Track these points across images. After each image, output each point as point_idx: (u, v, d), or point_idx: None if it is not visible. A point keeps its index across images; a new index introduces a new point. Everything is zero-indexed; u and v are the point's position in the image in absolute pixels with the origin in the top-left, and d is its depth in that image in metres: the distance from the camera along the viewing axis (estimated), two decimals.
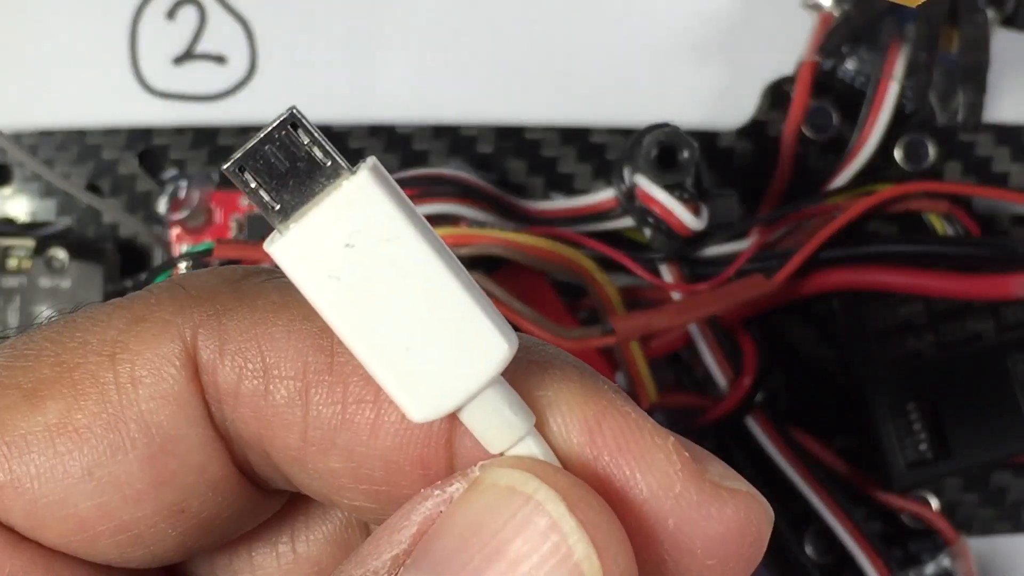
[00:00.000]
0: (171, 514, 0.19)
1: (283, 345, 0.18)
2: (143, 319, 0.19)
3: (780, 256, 0.35)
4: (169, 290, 0.19)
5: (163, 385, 0.18)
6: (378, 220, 0.17)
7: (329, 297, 0.17)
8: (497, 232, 0.34)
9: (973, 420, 0.36)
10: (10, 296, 0.35)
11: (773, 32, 0.39)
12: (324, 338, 0.18)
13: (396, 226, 0.17)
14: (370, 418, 0.18)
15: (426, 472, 0.19)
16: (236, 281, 0.19)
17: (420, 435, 0.18)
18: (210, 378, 0.19)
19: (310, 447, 0.19)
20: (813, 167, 0.38)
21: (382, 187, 0.17)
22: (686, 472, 0.18)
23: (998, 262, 0.35)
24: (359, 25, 0.39)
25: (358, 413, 0.18)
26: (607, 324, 0.33)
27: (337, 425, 0.18)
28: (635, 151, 0.33)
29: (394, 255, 0.17)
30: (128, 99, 0.38)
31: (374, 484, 0.19)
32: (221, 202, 0.36)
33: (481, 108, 0.39)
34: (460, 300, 0.17)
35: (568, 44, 0.39)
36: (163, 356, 0.18)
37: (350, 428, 0.18)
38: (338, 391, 0.18)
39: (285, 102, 0.39)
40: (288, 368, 0.18)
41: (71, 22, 0.38)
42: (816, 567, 0.37)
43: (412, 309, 0.17)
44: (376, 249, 0.17)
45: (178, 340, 0.18)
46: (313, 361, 0.18)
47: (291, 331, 0.18)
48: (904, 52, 0.36)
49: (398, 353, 0.17)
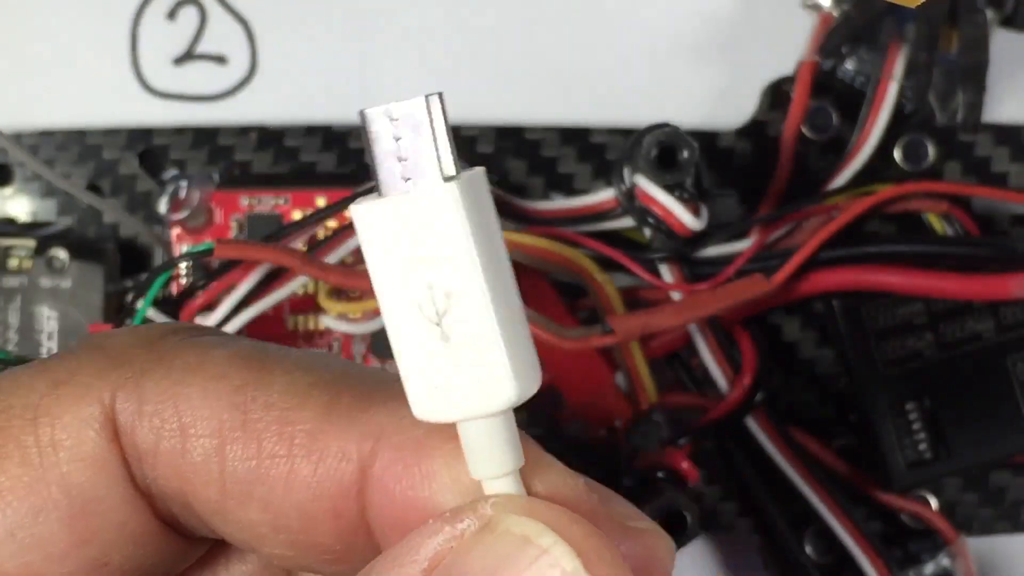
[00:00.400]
0: (94, 568, 0.20)
1: (199, 404, 0.19)
2: (64, 383, 0.20)
3: (780, 256, 0.35)
4: (89, 353, 0.20)
5: (83, 448, 0.19)
6: (446, 233, 0.17)
7: (383, 277, 0.18)
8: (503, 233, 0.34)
9: (973, 420, 0.36)
10: (11, 296, 0.35)
11: (773, 32, 0.39)
12: (238, 396, 0.19)
13: (459, 245, 0.17)
14: (284, 472, 0.19)
15: (339, 522, 0.20)
16: (154, 341, 0.20)
17: (332, 487, 0.19)
18: (129, 439, 0.20)
19: (229, 500, 0.20)
20: (813, 167, 0.38)
21: (464, 203, 0.17)
22: (594, 516, 0.19)
23: (998, 262, 0.35)
24: (359, 26, 0.39)
25: (272, 467, 0.19)
26: (606, 324, 0.33)
27: (253, 479, 0.19)
28: (635, 151, 0.33)
29: (448, 268, 0.17)
30: (128, 99, 0.38)
31: (292, 533, 0.20)
32: (221, 202, 0.36)
33: (481, 108, 0.39)
34: (491, 332, 0.18)
35: (568, 44, 0.39)
36: (82, 419, 0.19)
37: (265, 482, 0.19)
38: (252, 447, 0.19)
39: (285, 102, 0.39)
40: (204, 427, 0.19)
41: (71, 22, 0.38)
42: (816, 567, 0.37)
43: (448, 320, 0.18)
44: (435, 255, 0.17)
45: (96, 403, 0.20)
46: (228, 419, 0.19)
47: (206, 390, 0.19)
48: (904, 52, 0.36)
49: (424, 352, 0.18)
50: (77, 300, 0.35)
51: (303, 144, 0.37)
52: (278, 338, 0.36)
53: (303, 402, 0.20)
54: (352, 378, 0.20)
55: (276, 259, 0.32)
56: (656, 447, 0.35)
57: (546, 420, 0.37)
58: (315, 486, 0.19)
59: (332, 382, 0.20)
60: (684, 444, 0.35)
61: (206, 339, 0.21)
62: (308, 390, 0.20)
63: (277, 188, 0.37)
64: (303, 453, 0.19)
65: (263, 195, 0.37)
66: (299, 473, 0.19)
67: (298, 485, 0.19)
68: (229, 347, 0.20)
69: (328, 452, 0.19)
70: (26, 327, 0.35)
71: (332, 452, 0.19)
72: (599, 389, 0.37)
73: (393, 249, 0.17)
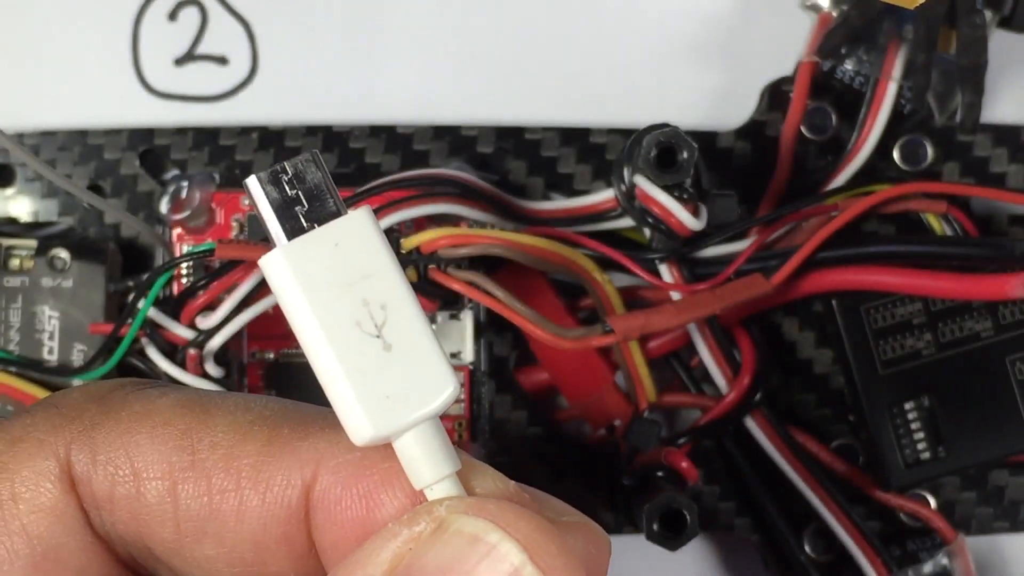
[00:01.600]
0: None
1: (149, 450, 0.21)
2: (20, 440, 0.21)
3: (779, 256, 0.35)
4: (44, 411, 0.22)
5: (42, 499, 0.21)
6: (369, 251, 0.19)
7: (316, 309, 0.19)
8: (497, 232, 0.34)
9: (971, 419, 0.36)
10: (13, 296, 0.35)
11: (772, 33, 0.39)
12: (185, 439, 0.21)
13: (382, 259, 0.19)
14: (234, 505, 0.21)
15: (291, 547, 0.21)
16: (103, 396, 0.22)
17: (281, 513, 0.21)
18: (86, 488, 0.21)
19: (184, 538, 0.21)
20: (812, 167, 0.38)
21: (374, 226, 0.19)
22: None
23: (996, 262, 0.35)
24: (360, 26, 0.39)
25: (223, 502, 0.21)
26: (606, 324, 0.33)
27: (206, 515, 0.21)
28: (635, 151, 0.33)
29: (378, 282, 0.19)
30: (130, 100, 0.38)
31: (246, 565, 0.21)
32: (222, 202, 0.37)
33: (481, 108, 0.39)
34: (424, 337, 0.19)
35: (568, 44, 0.39)
36: (40, 473, 0.21)
37: (218, 517, 0.21)
38: (203, 484, 0.21)
39: (286, 103, 0.40)
40: (155, 470, 0.21)
41: (73, 23, 0.38)
42: (815, 566, 0.37)
43: (388, 329, 0.19)
44: (363, 273, 0.19)
45: (52, 457, 0.21)
46: (177, 460, 0.21)
47: (154, 436, 0.21)
48: (902, 53, 0.36)
49: (370, 368, 0.19)
50: (78, 300, 0.35)
51: (303, 144, 0.37)
52: (279, 337, 0.36)
53: (246, 438, 0.21)
54: (290, 412, 0.22)
55: None
56: (655, 446, 0.35)
57: (546, 420, 0.38)
58: (265, 515, 0.21)
59: (271, 417, 0.21)
60: (683, 443, 0.35)
61: (151, 391, 0.22)
62: (249, 427, 0.21)
63: None
64: (250, 484, 0.21)
65: None
66: (249, 504, 0.21)
67: (249, 516, 0.21)
68: (172, 396, 0.22)
69: (273, 481, 0.21)
70: (27, 327, 0.35)
71: (277, 481, 0.21)
72: (599, 389, 0.37)
73: (323, 280, 0.19)
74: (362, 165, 0.37)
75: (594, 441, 0.38)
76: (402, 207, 0.34)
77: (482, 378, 0.36)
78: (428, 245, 0.34)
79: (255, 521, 0.21)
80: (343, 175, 0.37)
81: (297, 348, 0.37)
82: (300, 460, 0.21)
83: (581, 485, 0.37)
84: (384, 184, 0.35)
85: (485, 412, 0.37)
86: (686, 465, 0.34)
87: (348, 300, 0.19)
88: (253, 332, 0.36)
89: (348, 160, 0.37)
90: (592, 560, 0.21)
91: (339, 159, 0.37)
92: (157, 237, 0.36)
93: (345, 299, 0.19)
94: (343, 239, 0.19)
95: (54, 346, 0.35)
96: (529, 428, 0.37)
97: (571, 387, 0.37)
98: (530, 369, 0.37)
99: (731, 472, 0.37)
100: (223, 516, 0.21)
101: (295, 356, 0.37)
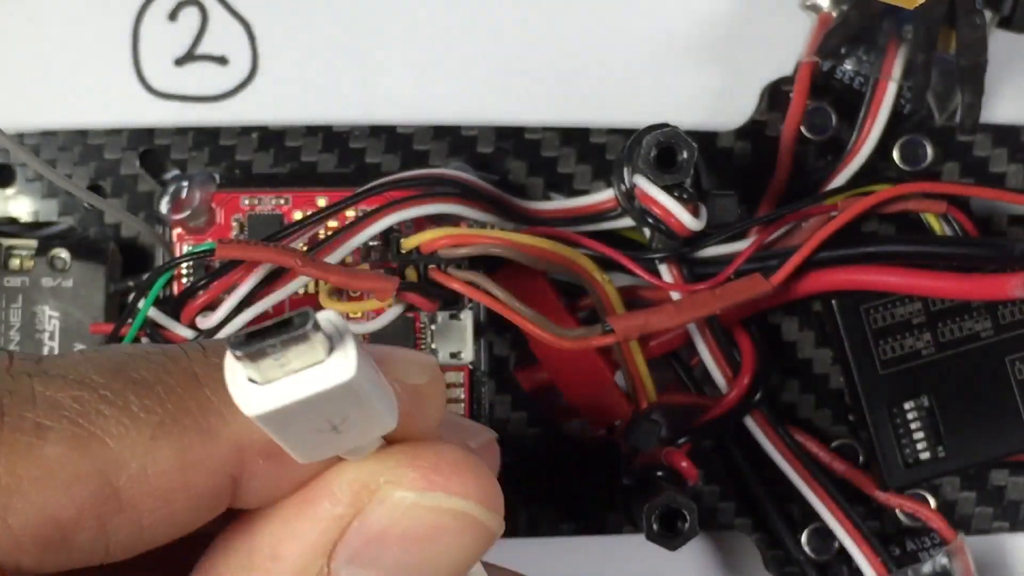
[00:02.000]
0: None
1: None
2: None
3: (779, 256, 0.35)
4: None
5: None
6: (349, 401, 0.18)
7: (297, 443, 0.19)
8: (497, 232, 0.34)
9: (971, 419, 0.36)
10: (13, 296, 0.35)
11: (772, 33, 0.39)
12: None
13: (362, 406, 0.19)
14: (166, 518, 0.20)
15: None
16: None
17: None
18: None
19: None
20: (811, 167, 0.38)
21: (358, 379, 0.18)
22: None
23: (996, 262, 0.35)
24: (360, 26, 0.39)
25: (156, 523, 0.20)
26: (606, 324, 0.33)
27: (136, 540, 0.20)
28: (634, 152, 0.33)
29: (353, 418, 0.19)
30: (130, 100, 0.38)
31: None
32: (222, 202, 0.37)
33: (481, 108, 0.39)
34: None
35: (568, 44, 0.39)
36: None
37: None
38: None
39: (286, 103, 0.40)
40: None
41: (73, 23, 0.38)
42: (814, 565, 0.37)
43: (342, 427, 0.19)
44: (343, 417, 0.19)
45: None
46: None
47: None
48: (902, 53, 0.36)
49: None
50: (79, 300, 0.35)
51: (304, 144, 0.37)
52: None
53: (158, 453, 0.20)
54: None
55: (277, 259, 0.32)
56: (654, 446, 0.35)
57: (546, 420, 0.38)
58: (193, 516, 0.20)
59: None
60: (683, 443, 0.35)
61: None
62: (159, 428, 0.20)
63: (278, 188, 0.37)
64: (177, 504, 0.20)
65: (264, 195, 0.37)
66: (179, 516, 0.20)
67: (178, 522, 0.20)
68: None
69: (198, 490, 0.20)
70: (28, 327, 0.35)
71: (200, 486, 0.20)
72: (599, 389, 0.37)
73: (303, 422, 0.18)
74: (362, 165, 0.37)
75: (594, 441, 0.38)
76: (402, 207, 0.34)
77: (482, 378, 0.36)
78: (428, 245, 0.34)
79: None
80: (343, 175, 0.37)
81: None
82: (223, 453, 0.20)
83: (581, 485, 0.37)
84: (384, 184, 0.35)
85: (485, 412, 0.37)
86: (686, 465, 0.34)
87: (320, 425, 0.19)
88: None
89: (348, 160, 0.37)
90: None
91: (339, 159, 0.37)
92: (157, 237, 0.36)
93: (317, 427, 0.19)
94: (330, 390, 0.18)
95: (54, 346, 0.35)
96: (529, 428, 0.38)
97: (571, 387, 0.37)
98: (530, 369, 0.37)
99: (731, 472, 0.37)
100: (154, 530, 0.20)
101: None
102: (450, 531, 0.20)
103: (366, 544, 0.20)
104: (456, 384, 0.37)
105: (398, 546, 0.20)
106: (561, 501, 0.37)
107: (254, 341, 0.17)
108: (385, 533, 0.20)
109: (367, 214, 0.34)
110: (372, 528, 0.20)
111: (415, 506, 0.20)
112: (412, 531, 0.20)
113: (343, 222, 0.35)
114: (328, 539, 0.20)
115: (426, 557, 0.21)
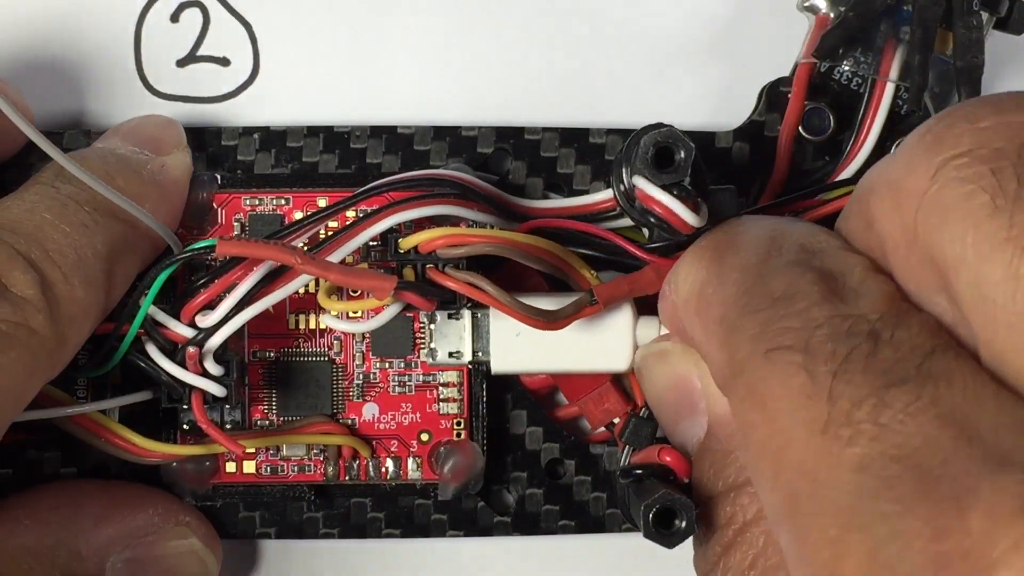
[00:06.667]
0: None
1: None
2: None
3: None
4: None
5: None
6: None
7: None
8: (494, 231, 0.35)
9: None
10: None
11: (770, 34, 0.39)
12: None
13: None
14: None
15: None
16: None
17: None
18: None
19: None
20: (810, 168, 0.38)
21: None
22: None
23: None
24: (361, 27, 0.39)
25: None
26: (592, 296, 0.34)
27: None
28: (632, 152, 0.34)
29: None
30: (132, 101, 0.39)
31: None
32: (224, 203, 0.37)
33: (481, 108, 0.39)
34: None
35: (568, 45, 0.39)
36: None
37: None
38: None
39: (288, 104, 0.40)
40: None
41: (74, 24, 0.39)
42: None
43: None
44: None
45: None
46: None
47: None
48: (900, 54, 0.36)
49: None
50: None
51: (305, 145, 0.38)
52: (279, 337, 0.37)
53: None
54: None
55: (277, 257, 0.32)
56: (647, 444, 0.35)
57: (546, 420, 0.38)
58: None
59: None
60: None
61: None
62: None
63: (279, 189, 0.37)
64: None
65: (265, 196, 0.37)
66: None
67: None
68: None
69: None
70: None
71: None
72: (599, 388, 0.37)
73: None
74: (363, 165, 0.38)
75: (593, 439, 0.38)
76: (402, 208, 0.34)
77: (482, 378, 0.37)
78: (426, 245, 0.34)
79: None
80: (344, 176, 0.37)
81: (298, 347, 0.37)
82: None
83: (581, 484, 0.38)
84: (384, 185, 0.35)
85: (485, 412, 0.37)
86: (680, 463, 0.34)
87: None
88: (253, 330, 0.36)
89: (349, 161, 0.38)
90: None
91: (340, 160, 0.38)
92: (166, 233, 0.36)
93: None
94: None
95: None
96: (529, 428, 0.38)
97: (571, 385, 0.37)
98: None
99: None
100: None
101: (296, 355, 0.37)
102: None
103: None
104: (455, 384, 0.37)
105: None
106: (561, 501, 0.38)
107: None
108: None
109: (367, 215, 0.34)
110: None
111: None
112: None
113: (344, 222, 0.35)
114: None
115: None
